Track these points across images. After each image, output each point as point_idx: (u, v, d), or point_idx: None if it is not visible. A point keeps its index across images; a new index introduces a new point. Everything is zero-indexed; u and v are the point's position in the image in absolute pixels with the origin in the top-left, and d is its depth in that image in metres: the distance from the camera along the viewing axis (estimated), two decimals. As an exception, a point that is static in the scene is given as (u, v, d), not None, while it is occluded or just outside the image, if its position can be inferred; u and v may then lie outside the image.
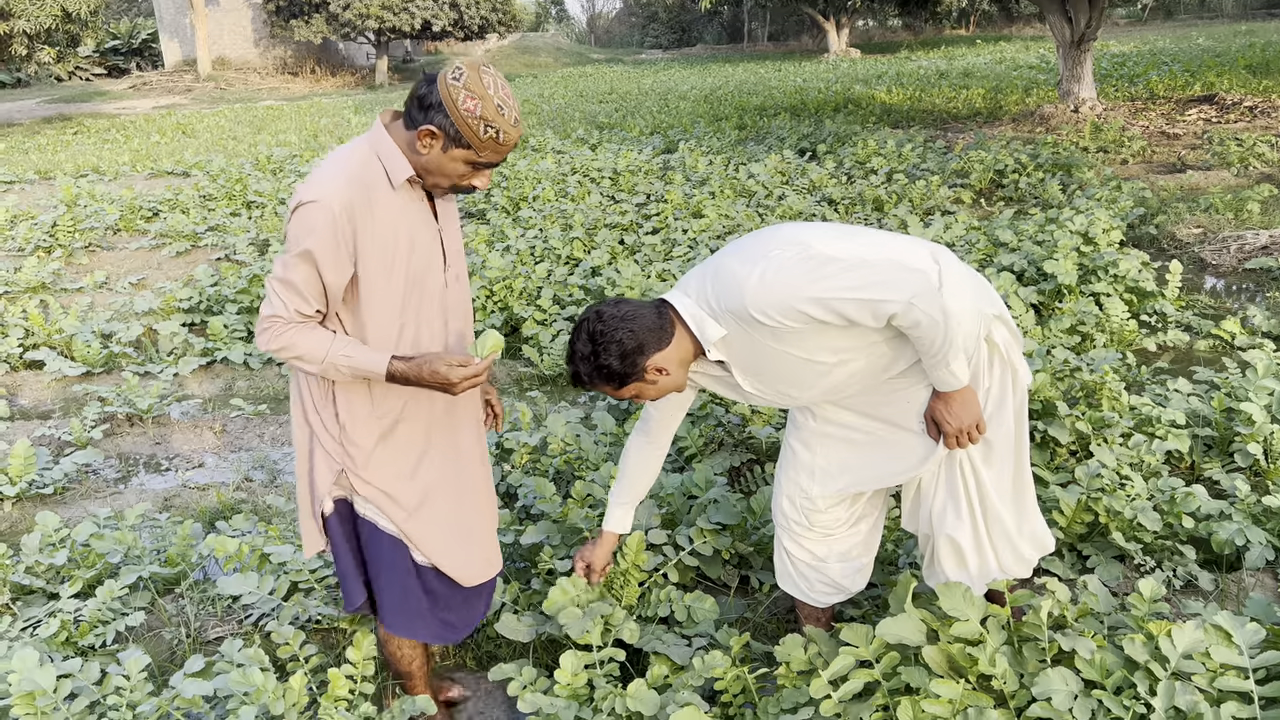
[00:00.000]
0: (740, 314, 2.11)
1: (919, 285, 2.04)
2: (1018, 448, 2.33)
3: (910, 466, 2.32)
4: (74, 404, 5.32)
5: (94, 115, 23.11)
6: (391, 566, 2.31)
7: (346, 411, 2.20)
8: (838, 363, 2.18)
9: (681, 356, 2.21)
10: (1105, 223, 6.27)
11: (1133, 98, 13.60)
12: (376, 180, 2.07)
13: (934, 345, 2.09)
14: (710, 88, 20.92)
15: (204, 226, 8.89)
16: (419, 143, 2.03)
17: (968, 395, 2.18)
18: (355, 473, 2.23)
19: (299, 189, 2.06)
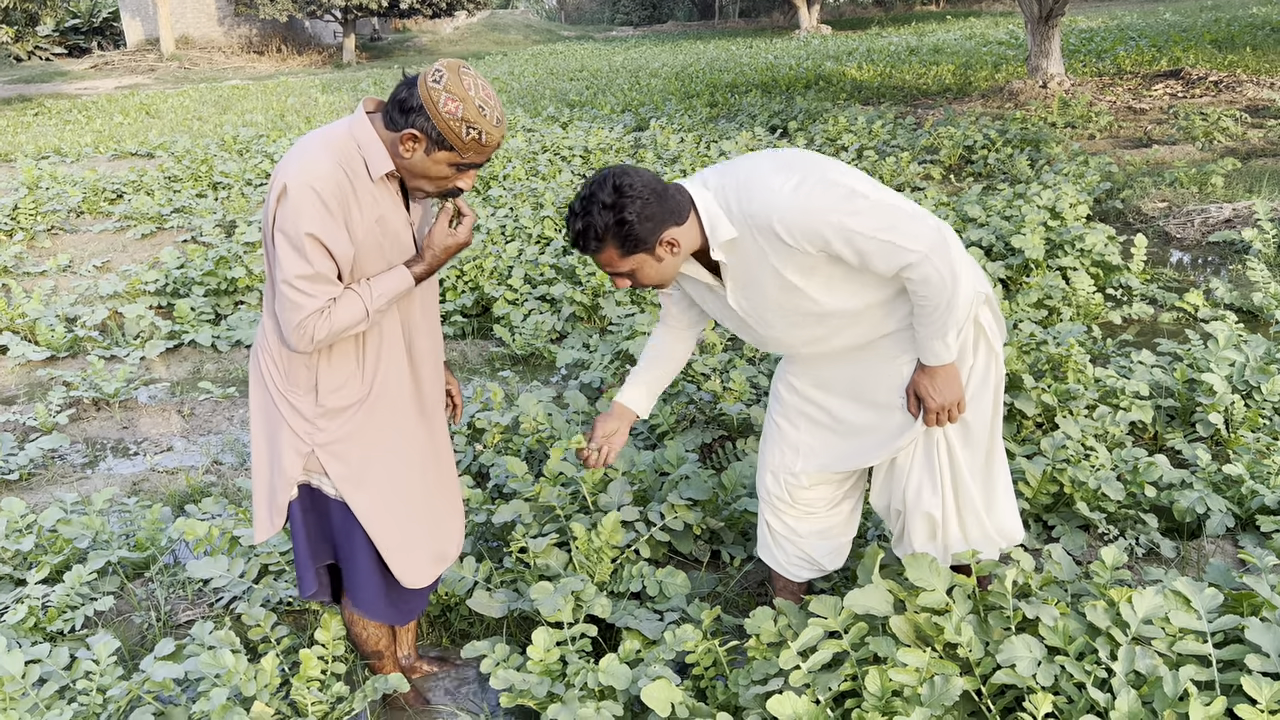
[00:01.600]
0: (761, 223, 2.06)
1: (936, 241, 2.04)
2: (992, 431, 2.35)
3: (889, 440, 2.33)
4: (39, 389, 5.25)
5: (55, 96, 22.67)
6: (362, 544, 2.31)
7: (327, 385, 2.18)
8: (827, 313, 2.17)
9: (688, 244, 2.14)
10: (1072, 197, 6.33)
11: (1100, 73, 13.69)
12: (357, 169, 2.06)
13: (937, 309, 2.08)
14: (681, 65, 20.83)
15: (169, 208, 8.77)
16: (402, 147, 2.02)
17: (952, 372, 2.18)
18: (327, 448, 2.21)
19: (281, 170, 2.01)
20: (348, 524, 2.29)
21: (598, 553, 2.90)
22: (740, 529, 3.26)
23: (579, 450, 2.53)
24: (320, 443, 2.21)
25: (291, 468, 2.23)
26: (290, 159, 2.02)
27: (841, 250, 2.04)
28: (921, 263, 2.02)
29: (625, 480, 3.27)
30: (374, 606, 2.39)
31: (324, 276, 2.03)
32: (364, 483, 2.25)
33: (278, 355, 2.20)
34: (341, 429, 2.21)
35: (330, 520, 2.32)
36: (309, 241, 2.00)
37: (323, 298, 2.04)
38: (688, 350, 2.53)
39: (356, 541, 2.31)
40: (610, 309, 5.57)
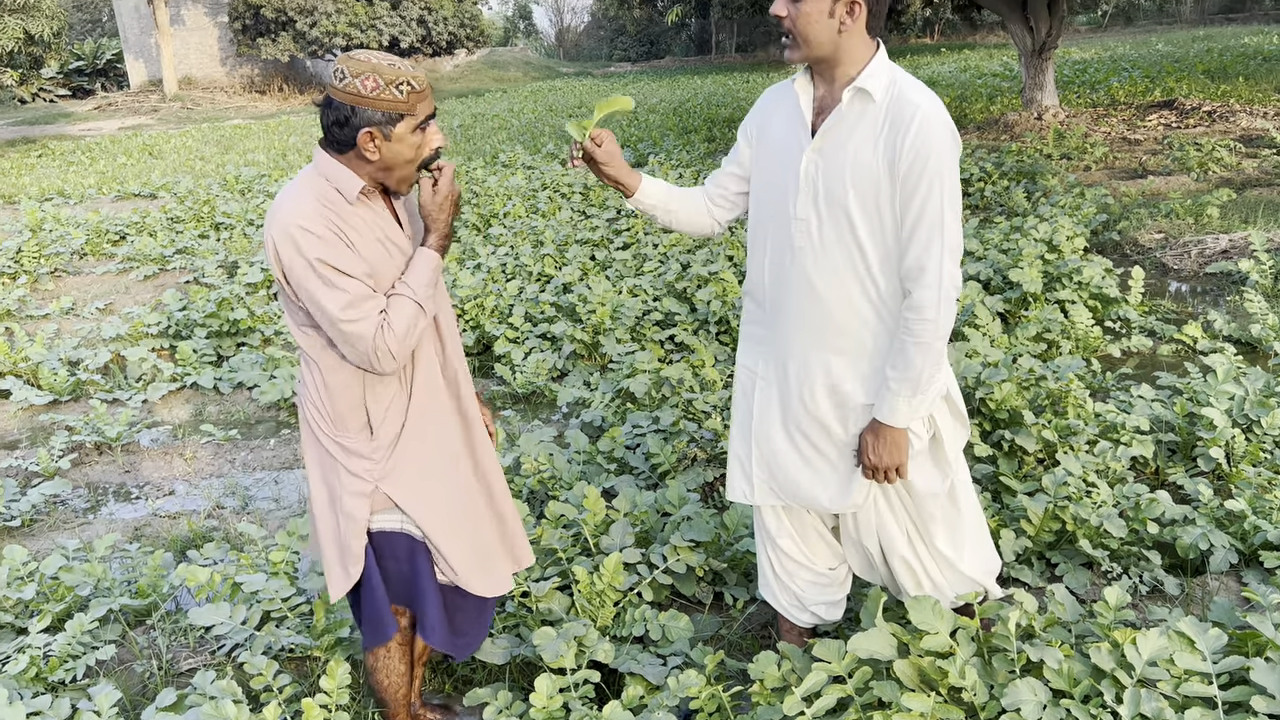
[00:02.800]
0: (905, 109, 2.04)
1: (954, 292, 2.08)
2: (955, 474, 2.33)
3: (838, 488, 2.31)
4: (41, 433, 5.26)
5: (59, 137, 22.87)
6: (428, 574, 2.31)
7: (377, 415, 2.20)
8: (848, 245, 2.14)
9: (859, 39, 2.09)
10: (1069, 230, 6.37)
11: (1094, 104, 13.82)
12: (335, 200, 2.09)
13: (915, 351, 2.09)
14: (679, 100, 21.02)
15: (172, 249, 8.83)
16: (365, 151, 2.04)
17: (898, 437, 2.17)
18: (386, 478, 2.22)
19: (269, 227, 2.04)
20: (414, 555, 2.29)
21: (600, 596, 2.90)
22: (743, 569, 3.25)
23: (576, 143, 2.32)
24: (381, 476, 2.21)
25: (359, 510, 2.22)
26: (273, 214, 2.06)
27: (914, 199, 2.04)
28: (934, 290, 2.06)
29: (627, 521, 3.27)
30: (438, 635, 2.37)
31: (361, 296, 2.06)
32: (430, 503, 2.26)
33: (321, 403, 2.21)
34: (398, 456, 2.22)
35: (395, 558, 2.31)
36: (327, 270, 2.02)
37: (373, 314, 2.06)
38: (706, 221, 2.45)
39: (424, 572, 2.30)
40: (611, 347, 5.59)
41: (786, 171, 2.22)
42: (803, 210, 2.19)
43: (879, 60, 2.11)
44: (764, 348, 2.37)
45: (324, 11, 30.75)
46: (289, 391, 5.36)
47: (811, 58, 2.13)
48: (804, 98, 2.20)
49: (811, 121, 2.19)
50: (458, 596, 2.40)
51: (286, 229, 2.01)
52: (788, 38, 2.13)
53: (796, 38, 2.10)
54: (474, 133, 17.78)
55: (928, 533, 2.31)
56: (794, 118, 2.22)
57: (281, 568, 3.28)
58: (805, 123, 2.19)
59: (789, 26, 2.10)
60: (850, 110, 2.11)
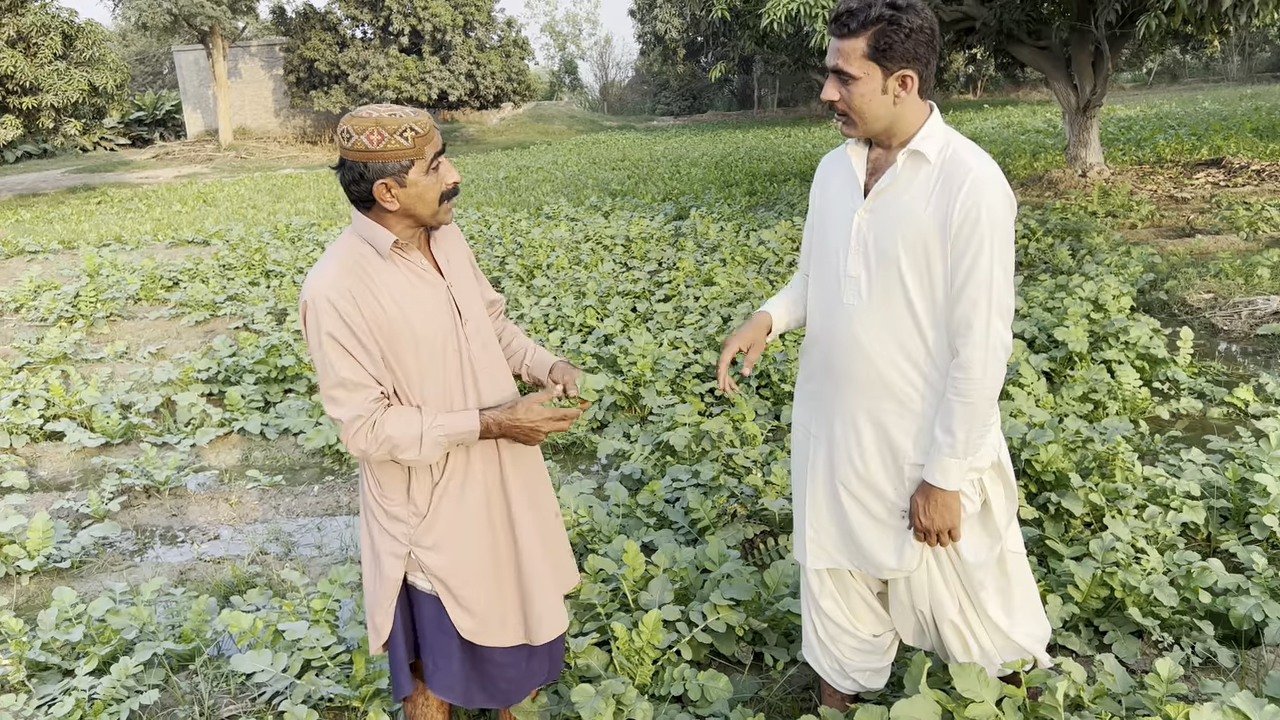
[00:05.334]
0: (958, 170, 2.06)
1: (1003, 351, 2.10)
2: (1005, 539, 2.31)
3: (891, 550, 2.29)
4: (92, 475, 5.37)
5: (117, 185, 23.60)
6: (451, 631, 2.32)
7: (418, 484, 2.23)
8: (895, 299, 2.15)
9: (913, 106, 2.12)
10: (1115, 289, 6.31)
11: (1140, 161, 13.74)
12: (368, 258, 2.14)
13: (964, 410, 2.09)
14: (721, 154, 21.24)
15: (223, 296, 9.03)
16: (384, 203, 2.10)
17: (950, 499, 2.16)
18: (418, 543, 2.24)
19: (306, 283, 2.12)
20: (439, 614, 2.31)
21: (639, 653, 2.88)
22: (783, 630, 3.21)
23: (725, 372, 2.37)
24: (415, 539, 2.25)
25: (394, 571, 2.27)
26: (308, 280, 2.13)
27: (964, 257, 2.05)
28: (981, 349, 2.06)
29: (666, 578, 3.26)
30: (457, 689, 2.38)
31: (353, 382, 2.10)
32: (458, 564, 2.27)
33: (373, 464, 2.27)
34: (431, 520, 2.24)
35: (421, 614, 2.34)
36: (330, 345, 2.08)
37: (359, 404, 2.10)
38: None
39: (447, 630, 2.32)
40: (651, 399, 5.61)
41: (839, 230, 2.25)
42: (853, 268, 2.21)
43: (933, 122, 2.14)
44: (815, 404, 2.38)
45: (375, 65, 31.61)
46: (333, 438, 5.43)
47: (869, 133, 2.17)
48: (857, 159, 2.24)
49: (865, 181, 2.22)
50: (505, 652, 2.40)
51: (313, 296, 2.09)
52: (843, 118, 2.16)
53: (852, 117, 2.14)
54: (519, 184, 18.07)
55: (978, 600, 2.28)
56: (848, 179, 2.26)
57: (323, 615, 3.30)
58: (858, 183, 2.22)
59: (843, 108, 2.13)
60: (904, 171, 2.14)
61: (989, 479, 2.25)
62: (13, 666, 3.29)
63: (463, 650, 2.36)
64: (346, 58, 31.67)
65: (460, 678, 2.37)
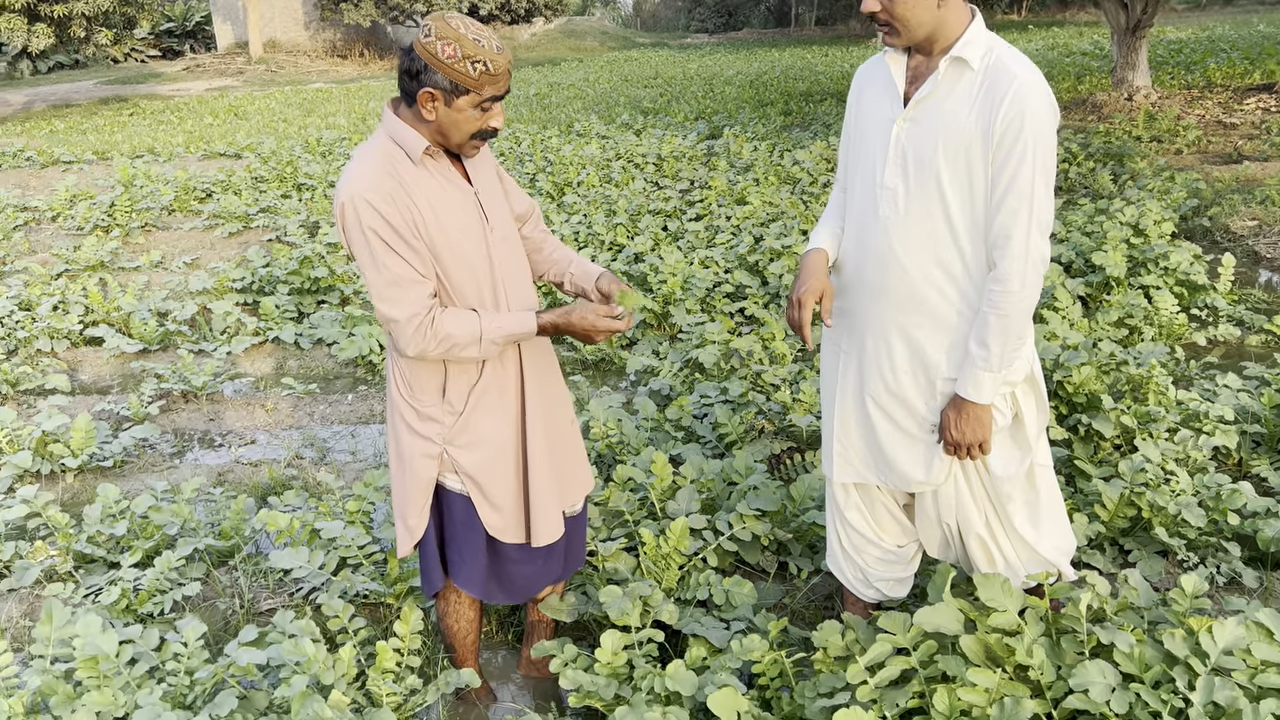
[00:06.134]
0: (1002, 76, 2.01)
1: (1042, 263, 2.07)
2: (1035, 453, 2.31)
3: (919, 464, 2.30)
4: (132, 380, 5.47)
5: (149, 97, 23.52)
6: (479, 530, 2.38)
7: (454, 382, 2.26)
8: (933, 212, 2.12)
9: (958, 14, 2.07)
10: (1157, 214, 6.18)
11: (1189, 86, 13.30)
12: (399, 162, 2.12)
13: (1000, 324, 2.07)
14: (756, 73, 20.79)
15: (255, 208, 9.05)
16: (423, 110, 2.07)
17: (982, 413, 2.16)
18: (452, 442, 2.28)
19: (336, 195, 2.11)
20: (468, 513, 2.36)
21: (665, 559, 2.93)
22: (808, 541, 3.26)
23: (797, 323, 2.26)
24: (450, 438, 2.29)
25: (426, 472, 2.31)
26: (342, 181, 2.12)
27: (1006, 166, 2.01)
28: (1020, 261, 2.04)
29: (694, 488, 3.30)
30: (478, 584, 2.45)
31: (407, 279, 2.10)
32: (490, 464, 2.32)
33: (404, 365, 2.29)
34: (467, 418, 2.28)
35: (450, 513, 2.39)
36: (378, 244, 2.07)
37: (415, 300, 2.11)
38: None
39: (476, 526, 2.37)
40: (681, 317, 5.61)
41: (876, 141, 2.21)
42: (890, 179, 2.17)
43: (975, 27, 2.08)
44: (846, 320, 2.36)
45: (406, -23, 31.00)
46: (366, 349, 5.49)
47: (912, 41, 2.11)
48: (896, 68, 2.18)
49: (904, 90, 2.17)
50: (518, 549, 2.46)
51: (350, 199, 2.07)
52: (885, 28, 2.10)
53: (896, 26, 2.08)
54: (549, 101, 17.83)
55: (1005, 513, 2.30)
56: (886, 88, 2.21)
57: (358, 517, 3.38)
58: (897, 93, 2.17)
59: (885, 18, 2.07)
60: (946, 78, 2.09)
61: (1021, 392, 2.24)
62: (60, 557, 3.40)
63: (486, 547, 2.41)
64: (376, -31, 31.09)
65: (481, 573, 2.44)
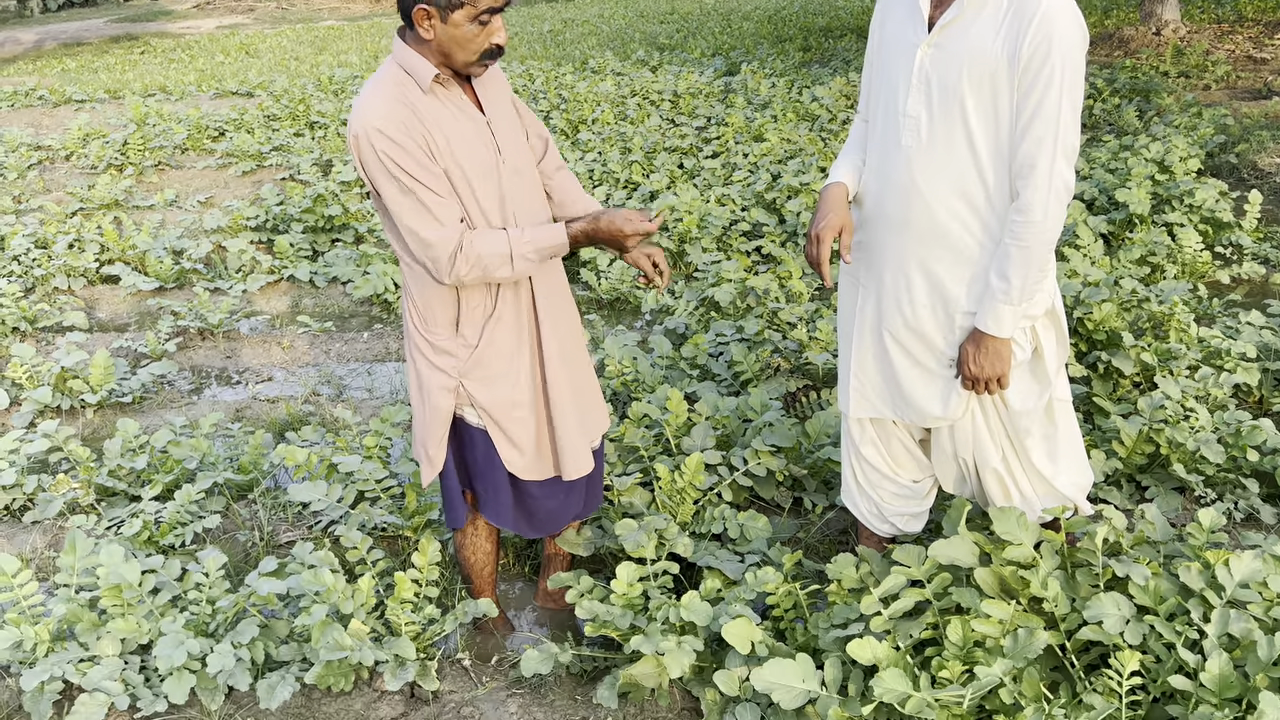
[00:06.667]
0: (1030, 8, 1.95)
1: (1065, 192, 2.02)
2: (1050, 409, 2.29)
3: (936, 399, 2.28)
4: (148, 318, 5.49)
5: (160, 35, 23.29)
6: (489, 461, 2.39)
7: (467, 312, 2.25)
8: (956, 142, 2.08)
9: None
10: (1183, 150, 6.05)
11: (1219, 20, 12.95)
12: (409, 90, 2.09)
13: (1021, 255, 2.03)
14: (775, 7, 20.36)
15: (269, 146, 8.99)
16: (420, 29, 2.04)
17: (1001, 347, 2.13)
18: (467, 376, 2.28)
19: (350, 127, 2.08)
20: (489, 448, 2.37)
21: (680, 494, 2.95)
22: (823, 477, 3.26)
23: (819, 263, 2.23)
24: (465, 372, 2.28)
25: (444, 403, 2.31)
26: (354, 111, 2.09)
27: (1032, 93, 1.97)
28: (1044, 190, 2.00)
29: (709, 424, 3.30)
30: (507, 517, 2.47)
31: (432, 201, 2.08)
32: (506, 399, 2.31)
33: (417, 299, 2.28)
34: (481, 352, 2.27)
35: (472, 447, 2.40)
36: (398, 173, 2.05)
37: (446, 222, 2.08)
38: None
39: (497, 462, 2.38)
40: (696, 256, 5.56)
41: (899, 68, 2.15)
42: (913, 107, 2.12)
43: None
44: (865, 253, 2.33)
45: (417, -90, 30.39)
46: (381, 287, 5.48)
47: None
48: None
49: (929, 15, 2.10)
50: (540, 486, 2.47)
51: (365, 130, 2.04)
52: None
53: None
54: (564, 38, 17.55)
55: (1023, 447, 2.28)
56: (910, 12, 2.14)
57: (375, 452, 3.40)
58: (922, 17, 2.11)
59: None
60: (972, 3, 2.02)
61: (1042, 326, 2.22)
62: (82, 490, 3.45)
63: (510, 482, 2.43)
64: (387, -98, 30.46)
65: (509, 507, 2.45)
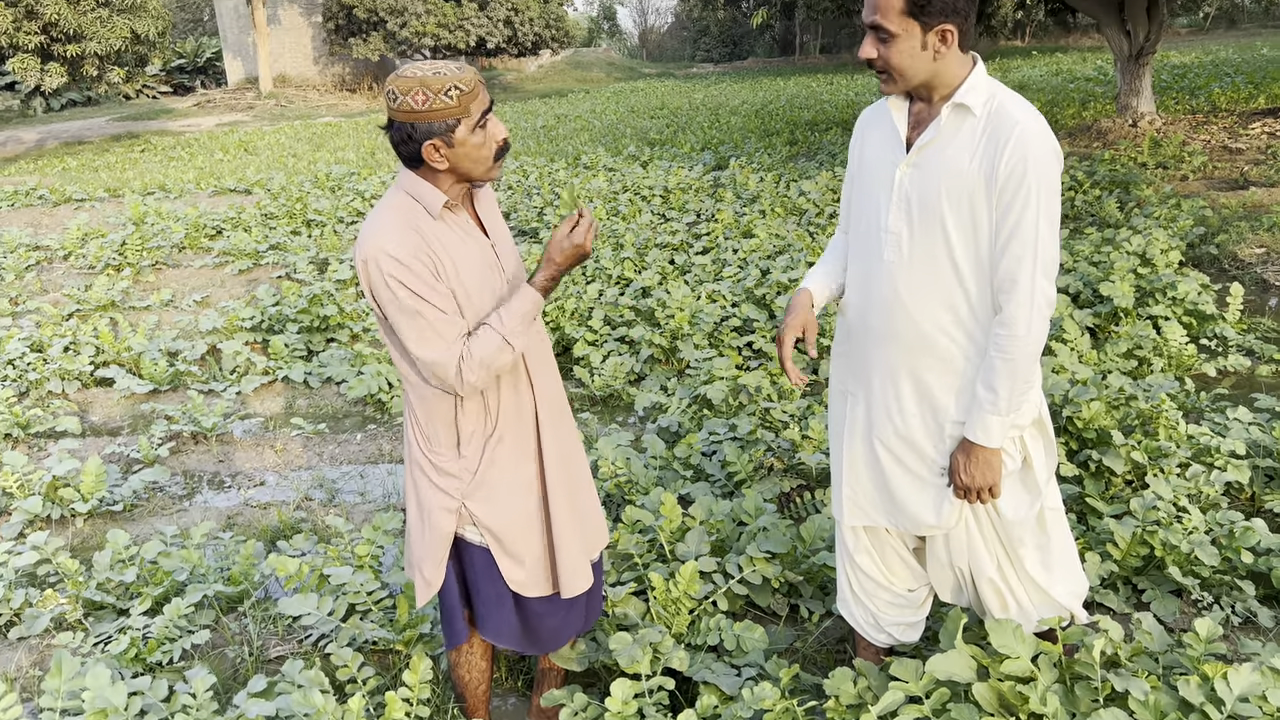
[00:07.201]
0: (1005, 122, 2.02)
1: (1047, 307, 2.06)
2: (1045, 497, 2.31)
3: (930, 508, 2.29)
4: (142, 421, 5.49)
5: (160, 133, 23.79)
6: (490, 579, 2.37)
7: (466, 431, 2.26)
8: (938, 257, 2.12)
9: (953, 61, 2.07)
10: (1164, 243, 6.18)
11: (1194, 110, 13.33)
12: (418, 217, 2.14)
13: (1006, 368, 2.07)
14: (761, 102, 20.92)
15: (265, 245, 9.11)
16: (433, 163, 2.10)
17: (991, 457, 2.15)
18: (470, 497, 2.28)
19: (359, 250, 2.12)
20: (489, 565, 2.36)
21: (675, 603, 2.92)
22: (819, 583, 3.24)
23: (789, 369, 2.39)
24: (468, 494, 2.29)
25: (445, 524, 2.31)
26: (362, 237, 2.13)
27: (1010, 212, 2.02)
28: (1026, 306, 2.04)
29: (703, 529, 3.29)
30: (508, 636, 2.44)
31: (440, 320, 2.11)
32: (508, 518, 2.31)
33: (421, 420, 2.29)
34: (484, 473, 2.28)
35: (471, 565, 2.39)
36: (405, 295, 2.08)
37: (453, 339, 2.11)
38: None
39: (499, 580, 2.37)
40: (689, 352, 5.61)
41: (879, 185, 2.22)
42: (894, 223, 2.18)
43: (977, 74, 2.09)
44: (853, 362, 2.37)
45: (414, 12, 31.38)
46: (375, 387, 5.51)
47: (909, 88, 2.13)
48: (898, 113, 2.20)
49: (907, 136, 2.18)
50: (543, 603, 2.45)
51: (374, 254, 2.08)
52: (882, 75, 2.12)
53: (891, 74, 2.09)
54: (557, 134, 17.96)
55: (1017, 557, 2.29)
56: (889, 133, 2.22)
57: (367, 561, 3.38)
58: (900, 138, 2.19)
59: (881, 66, 2.09)
60: (948, 124, 2.10)
61: (1030, 436, 2.24)
62: (70, 605, 3.41)
63: (513, 598, 2.41)
64: (385, 4, 31.45)
65: (511, 625, 2.43)
